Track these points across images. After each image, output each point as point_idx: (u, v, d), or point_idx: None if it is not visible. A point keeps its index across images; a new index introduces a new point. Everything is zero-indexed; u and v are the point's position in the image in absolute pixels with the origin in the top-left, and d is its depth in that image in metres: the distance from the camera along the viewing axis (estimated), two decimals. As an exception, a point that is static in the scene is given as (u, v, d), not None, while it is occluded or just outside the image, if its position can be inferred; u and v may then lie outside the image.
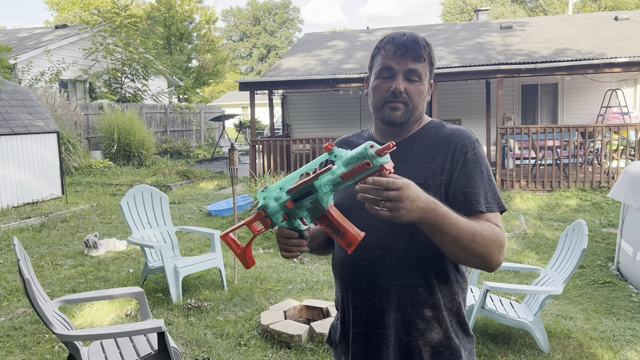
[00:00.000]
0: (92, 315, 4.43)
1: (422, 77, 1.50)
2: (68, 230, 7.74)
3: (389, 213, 1.19)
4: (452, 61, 12.64)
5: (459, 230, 1.28)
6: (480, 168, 1.45)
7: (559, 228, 7.48)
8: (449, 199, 1.43)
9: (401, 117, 1.51)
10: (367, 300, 1.49)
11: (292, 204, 1.31)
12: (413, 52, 1.48)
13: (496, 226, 1.39)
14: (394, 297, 1.45)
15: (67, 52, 16.88)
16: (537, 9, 48.20)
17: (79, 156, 12.70)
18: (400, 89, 1.48)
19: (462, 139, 1.48)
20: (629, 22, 15.01)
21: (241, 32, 63.25)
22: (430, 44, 1.54)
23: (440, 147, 1.49)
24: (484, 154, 1.49)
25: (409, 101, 1.50)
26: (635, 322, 4.27)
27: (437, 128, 1.55)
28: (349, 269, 1.53)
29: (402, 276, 1.44)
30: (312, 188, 1.27)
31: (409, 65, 1.48)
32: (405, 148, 1.53)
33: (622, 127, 9.91)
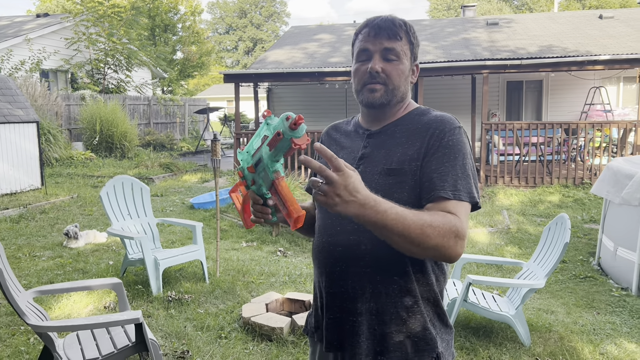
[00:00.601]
0: (69, 307, 4.33)
1: (400, 56, 1.46)
2: (47, 222, 7.60)
3: (323, 198, 1.12)
4: (438, 56, 12.65)
5: (405, 225, 1.19)
6: (455, 154, 1.38)
7: (541, 223, 7.53)
8: (419, 186, 1.38)
9: (380, 98, 1.47)
10: (340, 286, 1.46)
11: (253, 169, 1.28)
12: (387, 30, 1.45)
13: (454, 215, 1.29)
14: (367, 284, 1.42)
15: (49, 42, 16.57)
16: (523, 6, 48.54)
17: (59, 147, 12.48)
18: (376, 68, 1.44)
19: (442, 125, 1.42)
20: (613, 21, 15.16)
21: (227, 25, 62.76)
22: (409, 24, 1.51)
23: (420, 132, 1.44)
24: (464, 142, 1.41)
25: (387, 81, 1.46)
26: (615, 316, 4.31)
27: (421, 114, 1.50)
28: (324, 254, 1.50)
29: (377, 263, 1.40)
30: (260, 155, 1.24)
31: (384, 44, 1.45)
32: (387, 133, 1.50)
33: (605, 124, 10.00)
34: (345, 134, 1.63)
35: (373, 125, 1.54)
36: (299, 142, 1.13)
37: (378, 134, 1.51)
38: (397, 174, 1.40)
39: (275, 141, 1.15)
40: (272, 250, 6.24)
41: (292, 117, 1.12)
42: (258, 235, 6.90)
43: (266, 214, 1.32)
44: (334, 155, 1.12)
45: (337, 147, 1.62)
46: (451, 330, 1.51)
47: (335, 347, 1.50)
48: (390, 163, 1.42)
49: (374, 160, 1.47)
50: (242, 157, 1.35)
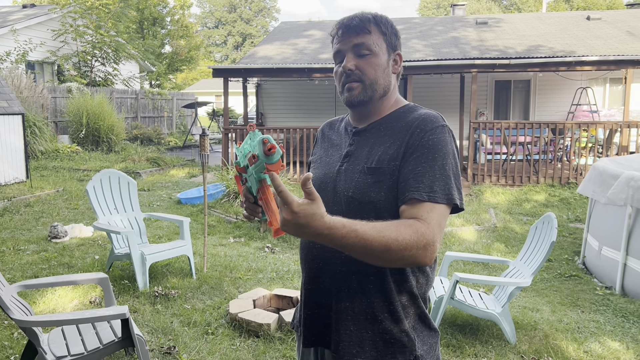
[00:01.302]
0: (54, 302, 4.29)
1: (373, 49, 1.43)
2: (32, 215, 7.50)
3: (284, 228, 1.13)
4: (427, 54, 12.69)
5: (367, 244, 1.16)
6: (434, 154, 1.33)
7: (527, 222, 7.60)
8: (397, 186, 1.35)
9: (359, 95, 1.45)
10: (318, 283, 1.47)
11: (244, 170, 1.31)
12: (355, 27, 1.44)
13: (423, 222, 1.24)
14: (343, 283, 1.41)
15: (35, 33, 16.33)
16: (512, 6, 48.82)
17: (45, 140, 12.32)
18: (348, 66, 1.43)
19: (424, 123, 1.37)
20: (600, 22, 15.30)
21: (216, 19, 62.35)
22: (380, 16, 1.48)
23: (403, 131, 1.40)
24: (447, 141, 1.36)
25: (363, 77, 1.44)
26: (599, 314, 4.36)
27: (407, 112, 1.47)
28: (305, 251, 1.51)
29: (352, 262, 1.36)
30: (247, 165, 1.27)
31: (353, 40, 1.43)
32: (373, 131, 1.48)
33: (591, 125, 10.11)
34: (337, 131, 1.64)
35: (360, 123, 1.53)
36: (272, 168, 1.15)
37: (364, 132, 1.50)
38: (375, 173, 1.38)
39: (251, 160, 1.20)
40: (260, 247, 6.23)
41: (268, 143, 1.14)
42: (246, 231, 6.87)
43: (256, 212, 1.34)
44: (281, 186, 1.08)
45: (329, 144, 1.62)
46: (435, 333, 1.47)
47: (312, 342, 1.50)
48: (371, 162, 1.41)
49: (357, 158, 1.46)
50: (238, 154, 1.37)
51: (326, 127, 1.70)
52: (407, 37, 15.00)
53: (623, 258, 4.86)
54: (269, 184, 1.22)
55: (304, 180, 1.10)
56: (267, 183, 1.23)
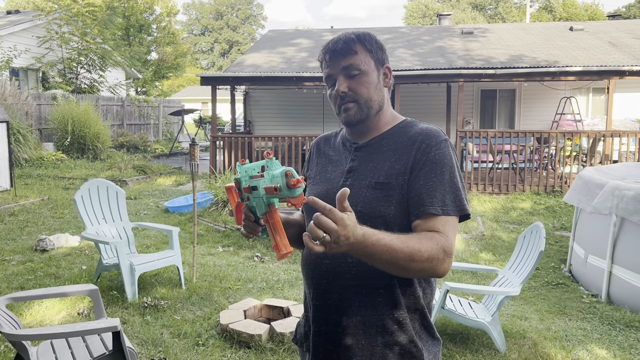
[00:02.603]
0: (41, 314, 4.23)
1: (362, 68, 1.47)
2: (16, 225, 7.40)
3: (322, 248, 1.13)
4: (414, 64, 12.80)
5: (393, 254, 1.22)
6: (442, 169, 1.39)
7: (514, 230, 7.67)
8: (407, 200, 1.40)
9: (355, 115, 1.49)
10: (327, 299, 1.47)
11: (249, 190, 1.31)
12: (341, 50, 1.47)
13: (441, 235, 1.32)
14: (354, 297, 1.43)
15: (19, 39, 16.18)
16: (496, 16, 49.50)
17: (29, 147, 12.19)
18: (341, 89, 1.47)
19: (428, 138, 1.43)
20: (583, 33, 15.58)
21: (203, 26, 62.30)
22: (363, 34, 1.52)
23: (407, 146, 1.45)
24: (451, 155, 1.43)
25: (357, 97, 1.48)
26: (587, 322, 4.41)
27: (407, 127, 1.52)
28: (312, 266, 1.51)
29: (362, 277, 1.41)
30: (257, 185, 1.27)
31: (342, 63, 1.47)
32: (375, 146, 1.51)
33: (575, 133, 10.27)
34: (334, 147, 1.64)
35: (359, 139, 1.56)
36: (294, 202, 1.15)
37: (365, 147, 1.52)
38: (384, 187, 1.42)
39: (271, 192, 1.17)
40: (249, 256, 6.21)
41: (293, 177, 1.13)
42: (234, 240, 6.85)
43: (256, 231, 1.36)
44: (327, 206, 1.10)
45: (326, 160, 1.63)
46: (438, 342, 1.52)
47: (321, 358, 1.51)
48: (378, 177, 1.43)
49: (361, 173, 1.48)
50: (241, 173, 1.36)
51: (321, 143, 1.70)
52: (393, 46, 15.12)
53: (609, 266, 4.93)
54: (276, 207, 1.25)
55: (340, 197, 1.14)
56: (275, 207, 1.24)
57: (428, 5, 51.36)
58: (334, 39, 1.52)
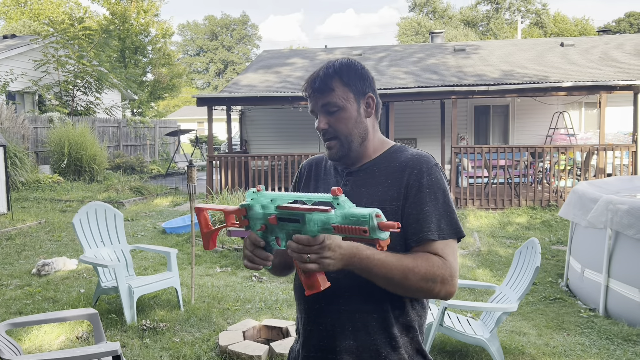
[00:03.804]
0: (40, 339, 4.22)
1: (340, 104, 1.48)
2: (14, 249, 7.39)
3: (316, 266, 1.22)
4: (408, 82, 12.94)
5: (388, 270, 1.30)
6: (435, 194, 1.43)
7: (511, 245, 7.70)
8: (403, 226, 1.41)
9: (338, 152, 1.52)
10: (319, 324, 1.48)
11: (276, 221, 1.30)
12: (318, 88, 1.49)
13: (439, 257, 1.37)
14: (347, 322, 1.44)
15: (16, 63, 16.28)
16: (488, 32, 50.11)
17: (26, 171, 12.19)
18: (321, 127, 1.51)
19: (420, 164, 1.47)
20: (573, 49, 15.80)
21: (198, 47, 62.78)
22: (341, 66, 1.51)
23: (398, 172, 1.48)
24: (442, 179, 1.47)
25: (337, 133, 1.50)
26: (585, 337, 4.43)
27: (398, 152, 1.55)
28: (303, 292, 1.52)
29: (355, 301, 1.43)
30: (301, 217, 1.25)
31: (319, 101, 1.50)
32: (367, 172, 1.53)
33: (569, 148, 10.36)
34: (325, 169, 1.66)
35: (350, 165, 1.58)
36: (383, 244, 1.15)
37: (357, 173, 1.54)
38: None
39: (355, 232, 1.15)
40: (247, 276, 6.21)
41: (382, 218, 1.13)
42: (232, 260, 6.86)
43: (267, 260, 1.35)
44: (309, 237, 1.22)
45: (317, 183, 1.65)
46: None
47: None
48: (372, 202, 1.45)
49: (354, 198, 1.47)
50: (257, 200, 1.35)
51: (313, 165, 1.70)
52: (388, 64, 15.29)
53: (605, 280, 4.97)
54: None
55: None
56: None
57: (421, 22, 51.99)
58: (314, 74, 1.53)
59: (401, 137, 13.96)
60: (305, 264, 1.22)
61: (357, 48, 18.16)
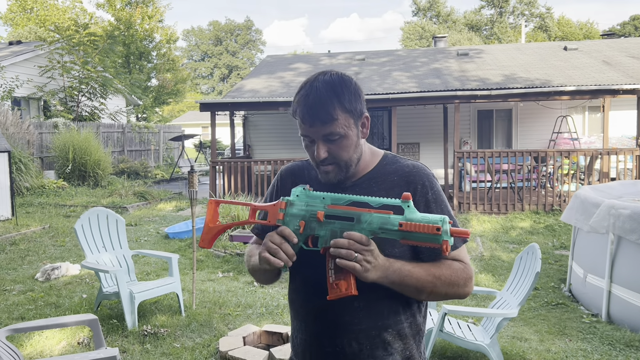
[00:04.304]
0: (41, 344, 4.24)
1: (342, 132, 1.41)
2: (17, 254, 7.43)
3: (359, 266, 1.26)
4: (411, 86, 12.94)
5: (418, 280, 1.35)
6: (440, 206, 1.47)
7: (514, 250, 7.68)
8: None
9: (335, 176, 1.47)
10: (335, 345, 1.47)
11: (322, 217, 1.32)
12: (320, 117, 1.39)
13: (460, 262, 1.43)
14: (365, 341, 1.45)
15: (22, 69, 16.40)
16: (492, 36, 50.10)
17: (31, 176, 12.26)
18: (321, 156, 1.43)
19: (421, 178, 1.48)
20: (577, 52, 15.77)
21: (202, 52, 63.07)
22: (340, 90, 1.42)
23: (400, 187, 1.47)
24: (441, 188, 1.52)
25: (337, 159, 1.45)
26: (587, 342, 4.41)
27: (392, 164, 1.53)
28: (313, 311, 1.51)
29: (372, 319, 1.44)
30: (357, 217, 1.30)
31: (321, 131, 1.41)
32: (363, 187, 1.49)
33: (573, 152, 10.34)
34: (311, 180, 1.57)
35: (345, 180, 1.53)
36: (446, 248, 1.23)
37: (352, 188, 1.50)
38: None
39: (428, 230, 1.22)
40: (249, 281, 6.22)
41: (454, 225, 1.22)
42: (234, 265, 6.87)
43: (291, 258, 1.34)
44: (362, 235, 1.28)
45: None
46: None
47: None
48: None
49: None
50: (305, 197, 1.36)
51: (296, 175, 1.63)
52: (390, 68, 15.31)
53: (607, 285, 4.94)
54: None
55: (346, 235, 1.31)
56: None
57: (425, 27, 52.04)
58: (309, 92, 1.42)
59: (404, 141, 13.96)
60: (348, 262, 1.25)
61: (360, 53, 18.19)
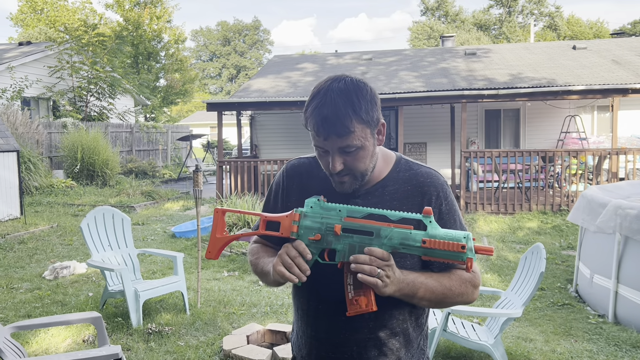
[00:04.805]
0: (47, 342, 4.27)
1: (358, 144, 1.37)
2: (26, 252, 7.49)
3: (379, 282, 1.26)
4: (418, 86, 12.91)
5: (430, 291, 1.37)
6: (453, 217, 1.48)
7: (520, 250, 7.64)
8: None
9: (351, 186, 1.44)
10: (343, 352, 1.48)
11: (340, 231, 1.30)
12: (336, 131, 1.34)
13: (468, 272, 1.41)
14: (372, 348, 1.47)
15: (31, 70, 16.54)
16: (501, 36, 49.85)
17: (40, 175, 12.36)
18: (336, 169, 1.39)
19: (436, 188, 1.47)
20: (586, 52, 15.66)
21: (211, 52, 63.27)
22: (359, 101, 1.36)
23: (414, 197, 1.46)
24: (453, 197, 1.52)
25: (353, 171, 1.41)
26: (592, 343, 4.37)
27: (405, 172, 1.51)
28: (324, 320, 1.50)
29: (380, 327, 1.45)
30: (376, 231, 1.28)
31: (337, 144, 1.36)
32: (376, 195, 1.47)
33: (581, 152, 10.26)
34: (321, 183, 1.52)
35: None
36: (470, 266, 1.23)
37: (365, 195, 1.47)
38: None
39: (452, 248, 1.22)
40: (254, 280, 6.23)
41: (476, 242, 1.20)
42: (239, 265, 6.88)
43: (305, 272, 1.33)
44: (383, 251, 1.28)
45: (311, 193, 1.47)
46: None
47: None
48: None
49: None
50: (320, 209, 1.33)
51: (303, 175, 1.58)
52: (397, 68, 15.28)
53: (614, 286, 4.90)
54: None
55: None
56: None
57: (433, 27, 51.88)
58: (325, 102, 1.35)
59: (411, 141, 13.92)
60: (371, 278, 1.25)
61: (367, 52, 18.17)
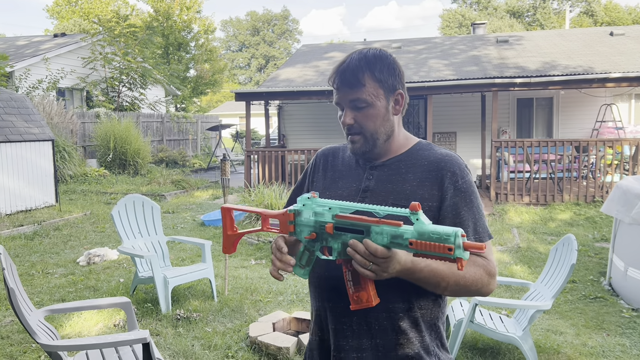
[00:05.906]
0: (79, 325, 4.40)
1: (369, 101, 1.44)
2: (60, 239, 7.71)
3: (373, 275, 1.23)
4: (447, 74, 12.71)
5: (442, 279, 1.32)
6: (469, 197, 1.43)
7: (552, 242, 7.48)
8: None
9: (361, 147, 1.49)
10: (343, 323, 1.46)
11: (332, 230, 1.28)
12: (348, 82, 1.44)
13: (482, 259, 1.39)
14: (373, 321, 1.43)
15: (66, 61, 16.92)
16: (535, 23, 48.58)
17: (74, 164, 12.68)
18: (347, 122, 1.47)
19: (452, 166, 1.45)
20: (623, 38, 15.14)
21: (240, 43, 63.55)
22: (375, 60, 1.44)
23: (430, 172, 1.45)
24: (472, 180, 1.48)
25: (362, 130, 1.47)
26: (626, 337, 4.27)
27: (425, 150, 1.52)
28: (328, 288, 1.49)
29: (383, 300, 1.40)
30: (366, 229, 1.22)
31: (348, 96, 1.45)
32: (392, 168, 1.50)
33: (617, 141, 9.95)
34: (343, 161, 1.62)
35: (373, 160, 1.54)
36: (464, 264, 1.11)
37: (381, 167, 1.51)
38: None
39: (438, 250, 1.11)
40: (281, 269, 6.27)
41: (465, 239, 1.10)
42: (267, 253, 6.94)
43: (288, 264, 1.35)
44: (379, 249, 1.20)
45: (335, 174, 1.60)
46: (449, 353, 1.53)
47: None
48: (400, 199, 1.43)
49: (379, 194, 1.47)
50: (312, 206, 1.33)
51: (329, 155, 1.66)
52: (427, 56, 15.07)
53: (649, 279, 4.76)
54: None
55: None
56: None
57: (464, 14, 50.89)
58: (345, 61, 1.46)
59: (440, 130, 13.74)
60: (362, 269, 1.23)
61: (396, 41, 17.96)
